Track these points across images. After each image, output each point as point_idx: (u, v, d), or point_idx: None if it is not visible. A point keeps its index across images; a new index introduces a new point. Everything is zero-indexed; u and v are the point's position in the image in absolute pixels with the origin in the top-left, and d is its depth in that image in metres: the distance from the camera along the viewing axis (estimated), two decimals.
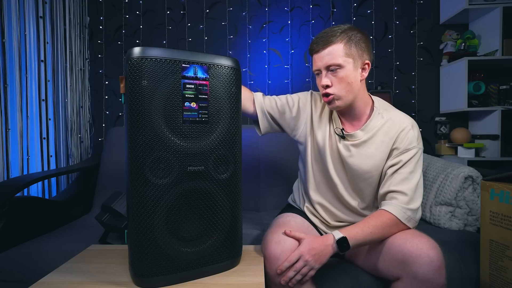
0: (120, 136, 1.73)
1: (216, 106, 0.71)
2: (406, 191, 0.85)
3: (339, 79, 0.86)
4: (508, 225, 0.89)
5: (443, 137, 1.90)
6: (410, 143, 0.88)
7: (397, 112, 0.95)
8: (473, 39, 1.81)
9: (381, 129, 0.91)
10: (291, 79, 2.00)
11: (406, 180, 0.86)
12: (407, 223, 0.83)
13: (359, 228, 0.81)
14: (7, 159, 1.30)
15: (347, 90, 0.87)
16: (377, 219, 0.83)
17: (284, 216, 1.00)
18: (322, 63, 0.87)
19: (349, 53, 0.86)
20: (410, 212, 0.84)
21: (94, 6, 1.97)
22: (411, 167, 0.87)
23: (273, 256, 0.79)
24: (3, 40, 1.29)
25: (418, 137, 0.91)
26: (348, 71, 0.86)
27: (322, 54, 0.87)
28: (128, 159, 0.64)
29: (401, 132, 0.89)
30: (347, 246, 0.78)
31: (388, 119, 0.92)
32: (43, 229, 1.25)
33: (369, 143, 0.91)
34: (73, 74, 1.77)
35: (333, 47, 0.85)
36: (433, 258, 0.73)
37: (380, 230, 0.81)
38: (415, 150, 0.88)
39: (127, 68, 0.63)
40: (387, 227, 0.82)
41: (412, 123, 0.91)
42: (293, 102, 1.01)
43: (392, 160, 0.89)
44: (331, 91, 0.88)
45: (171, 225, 0.67)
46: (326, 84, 0.87)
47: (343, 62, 0.85)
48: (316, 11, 1.98)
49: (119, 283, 0.68)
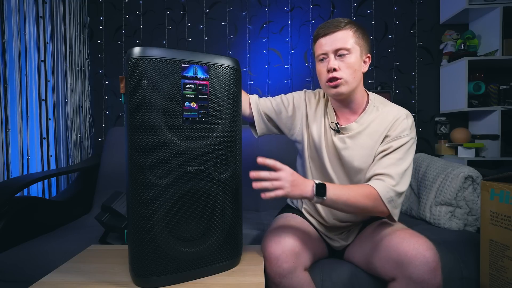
0: (120, 136, 1.73)
1: (216, 106, 0.71)
2: (393, 174, 0.83)
3: (346, 64, 0.86)
4: (508, 225, 0.89)
5: (443, 137, 1.90)
6: (403, 131, 0.87)
7: (393, 105, 0.94)
8: (473, 39, 1.82)
9: (375, 120, 0.91)
10: (291, 79, 2.00)
11: (394, 165, 0.84)
12: (388, 204, 0.81)
13: (341, 186, 0.81)
14: (7, 159, 1.30)
15: (353, 76, 0.87)
16: (360, 187, 0.82)
17: (284, 217, 1.00)
18: (331, 47, 0.86)
19: (358, 41, 0.87)
20: (393, 193, 0.82)
21: (94, 6, 1.97)
22: (401, 154, 0.86)
23: (273, 256, 0.79)
24: (3, 40, 1.29)
25: (411, 126, 0.89)
26: (355, 58, 0.87)
27: (333, 37, 0.86)
28: (128, 159, 0.64)
29: (395, 121, 0.89)
30: (323, 192, 0.76)
31: (383, 110, 0.92)
32: (43, 229, 1.25)
33: (363, 133, 0.90)
34: (73, 74, 1.77)
35: (344, 31, 0.86)
36: (429, 259, 0.73)
37: (359, 197, 0.79)
38: (406, 138, 0.87)
39: (127, 68, 0.63)
40: (366, 198, 0.80)
41: (407, 114, 0.91)
42: (288, 102, 1.01)
43: (383, 146, 0.88)
44: (338, 75, 0.86)
45: (171, 225, 0.67)
46: (334, 67, 0.86)
47: (352, 48, 0.86)
48: (316, 11, 1.98)
49: (119, 283, 0.68)
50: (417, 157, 1.52)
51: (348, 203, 0.79)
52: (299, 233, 0.86)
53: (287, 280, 0.78)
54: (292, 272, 0.78)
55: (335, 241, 0.98)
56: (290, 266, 0.78)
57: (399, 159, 0.85)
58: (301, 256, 0.82)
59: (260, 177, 0.72)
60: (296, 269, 0.79)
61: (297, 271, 0.79)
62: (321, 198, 0.76)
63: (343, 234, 0.99)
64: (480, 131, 1.84)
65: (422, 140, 2.00)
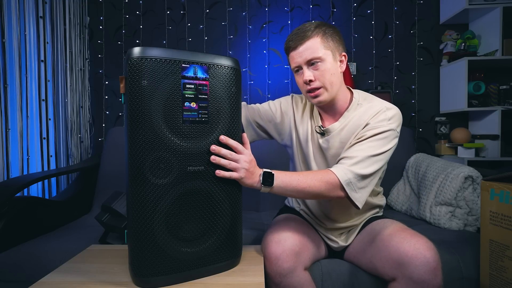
0: (120, 136, 1.73)
1: (216, 106, 0.71)
2: (355, 155, 0.80)
3: (321, 72, 0.85)
4: (508, 225, 0.89)
5: (443, 137, 1.90)
6: (380, 121, 0.84)
7: (378, 100, 0.92)
8: (473, 39, 1.82)
9: (357, 116, 0.89)
10: (291, 79, 2.00)
11: (360, 150, 0.81)
12: (346, 187, 0.78)
13: (291, 173, 0.80)
14: (7, 159, 1.30)
15: (330, 82, 0.86)
16: (316, 173, 0.80)
17: (283, 217, 1.00)
18: (302, 59, 0.85)
19: (327, 46, 0.85)
20: (352, 174, 0.78)
21: (94, 6, 1.97)
22: (373, 142, 0.82)
23: (273, 256, 0.79)
24: (3, 40, 1.29)
25: (392, 117, 0.85)
26: (329, 63, 0.85)
27: (301, 49, 0.85)
28: (128, 159, 0.64)
29: (376, 113, 0.86)
30: (271, 182, 0.76)
31: (366, 107, 0.90)
32: (43, 229, 1.25)
33: (344, 130, 0.90)
34: (73, 74, 1.77)
35: (310, 41, 0.84)
36: (429, 259, 0.73)
37: (311, 182, 0.77)
38: (383, 128, 0.83)
39: (127, 68, 0.63)
40: (320, 182, 0.78)
41: (389, 107, 0.87)
42: (275, 108, 1.02)
43: (358, 135, 0.86)
44: (316, 85, 0.86)
45: (171, 225, 0.67)
46: (309, 79, 0.85)
47: (323, 55, 0.84)
48: (316, 11, 1.98)
49: (119, 283, 0.68)
50: (417, 157, 1.52)
51: (299, 189, 0.78)
52: (299, 233, 0.86)
53: (287, 280, 0.78)
54: (292, 272, 0.78)
55: (334, 241, 0.98)
56: (290, 266, 0.78)
57: (370, 146, 0.82)
58: (301, 256, 0.82)
59: (220, 153, 0.71)
60: (297, 269, 0.79)
61: (297, 270, 0.80)
62: (268, 187, 0.76)
63: (343, 235, 0.98)
64: (480, 131, 1.84)
65: (422, 140, 2.00)
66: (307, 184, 0.78)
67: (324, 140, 0.92)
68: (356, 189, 0.80)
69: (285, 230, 0.85)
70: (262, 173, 0.76)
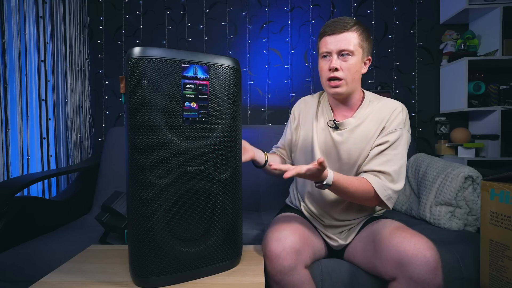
0: (120, 136, 1.73)
1: (216, 106, 0.71)
2: (391, 172, 0.86)
3: (348, 65, 0.89)
4: (508, 225, 0.89)
5: (443, 137, 1.90)
6: (399, 124, 0.90)
7: (387, 99, 0.97)
8: (473, 39, 1.82)
9: (372, 113, 0.94)
10: (291, 79, 2.00)
11: (391, 161, 0.88)
12: (387, 202, 0.86)
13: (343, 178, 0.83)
14: (7, 159, 1.30)
15: (353, 78, 0.90)
16: (360, 182, 0.85)
17: (284, 216, 1.00)
18: (335, 46, 0.89)
19: (361, 44, 0.90)
20: (391, 191, 0.86)
21: (94, 6, 1.97)
22: (397, 150, 0.89)
23: (274, 254, 0.79)
24: (3, 40, 1.29)
25: (405, 120, 0.92)
26: (357, 60, 0.89)
27: (338, 37, 0.88)
28: (128, 159, 0.64)
29: (392, 112, 0.91)
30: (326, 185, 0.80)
31: (379, 104, 0.95)
32: (43, 229, 1.25)
33: (360, 127, 0.93)
34: (73, 74, 1.77)
35: (349, 33, 0.88)
36: (429, 258, 0.73)
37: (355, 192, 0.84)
38: (401, 132, 0.90)
39: (127, 68, 0.63)
40: (362, 194, 0.85)
41: (402, 106, 0.93)
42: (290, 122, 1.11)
43: (380, 139, 0.91)
44: (339, 75, 0.89)
45: (171, 225, 0.67)
46: (336, 67, 0.88)
47: (355, 50, 0.88)
48: (316, 11, 1.98)
49: (119, 283, 0.68)
50: (417, 157, 1.52)
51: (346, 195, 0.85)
52: (299, 231, 0.86)
53: (288, 278, 0.78)
54: (293, 270, 0.79)
55: (334, 240, 0.98)
56: (291, 264, 0.78)
57: (395, 155, 0.88)
58: (301, 254, 0.82)
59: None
60: (297, 267, 0.80)
61: (298, 268, 0.80)
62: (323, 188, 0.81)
63: (343, 233, 0.99)
64: (480, 131, 1.84)
65: (422, 140, 2.00)
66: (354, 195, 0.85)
67: (338, 133, 0.95)
68: (394, 200, 0.88)
69: (286, 228, 0.86)
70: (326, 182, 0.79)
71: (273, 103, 2.00)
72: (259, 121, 2.01)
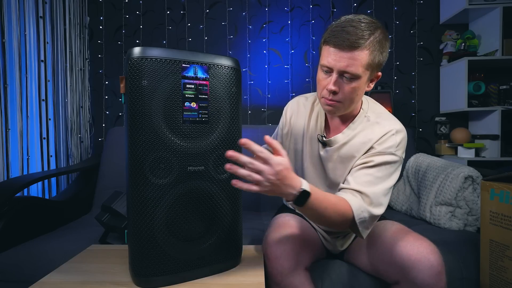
0: (120, 136, 1.73)
1: (216, 106, 0.71)
2: (370, 194, 0.75)
3: (349, 88, 0.77)
4: (508, 225, 0.89)
5: (443, 137, 1.90)
6: (389, 147, 0.79)
7: (386, 118, 0.85)
8: (473, 39, 1.82)
9: (363, 132, 0.84)
10: (291, 79, 2.00)
11: (372, 183, 0.77)
12: (359, 225, 0.74)
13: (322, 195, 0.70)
14: (7, 159, 1.30)
15: (351, 99, 0.79)
16: (339, 201, 0.73)
17: (283, 216, 1.00)
18: (339, 64, 0.74)
19: (371, 64, 0.75)
20: (367, 214, 0.74)
21: (94, 6, 1.97)
22: (381, 173, 0.78)
23: (274, 255, 0.79)
24: (3, 40, 1.29)
25: (399, 144, 0.80)
26: (362, 83, 0.77)
27: (344, 55, 0.73)
28: (128, 159, 0.64)
29: (384, 134, 0.81)
30: (303, 201, 0.66)
31: (374, 122, 0.84)
32: (43, 229, 1.25)
33: (347, 145, 0.85)
34: (73, 74, 1.77)
35: (359, 53, 0.73)
36: (433, 262, 0.71)
37: (333, 213, 0.71)
38: (391, 157, 0.79)
39: (127, 68, 0.63)
40: (339, 215, 0.72)
41: (398, 129, 0.81)
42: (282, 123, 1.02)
43: (364, 159, 0.80)
44: (336, 99, 0.79)
45: (171, 225, 0.67)
46: (334, 90, 0.77)
47: (361, 73, 0.75)
48: (316, 11, 1.98)
49: (119, 283, 0.68)
50: (417, 157, 1.52)
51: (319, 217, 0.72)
52: (299, 232, 0.86)
53: (288, 279, 0.78)
54: (293, 271, 0.78)
55: (330, 243, 0.97)
56: (291, 265, 0.78)
57: (378, 177, 0.77)
58: (301, 255, 0.81)
59: (239, 161, 0.60)
60: (297, 268, 0.79)
61: (298, 269, 0.79)
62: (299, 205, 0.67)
63: (338, 239, 0.97)
64: (480, 131, 1.84)
65: (422, 140, 2.00)
66: (329, 216, 0.71)
67: (324, 150, 0.90)
68: (369, 226, 0.77)
69: (285, 229, 0.85)
70: (300, 191, 0.64)
71: (273, 103, 2.00)
72: (259, 121, 2.01)
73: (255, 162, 0.60)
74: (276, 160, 0.61)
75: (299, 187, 0.64)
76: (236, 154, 0.59)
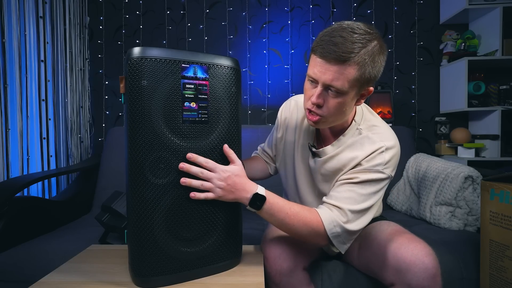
0: (120, 136, 1.73)
1: (216, 106, 0.71)
2: (346, 210, 0.73)
3: (333, 103, 0.72)
4: (508, 225, 0.89)
5: (443, 137, 1.90)
6: (376, 165, 0.75)
7: (379, 132, 0.80)
8: (473, 39, 1.82)
9: (352, 146, 0.80)
10: (291, 79, 2.00)
11: (353, 200, 0.74)
12: (333, 239, 0.73)
13: (283, 202, 0.72)
14: (7, 159, 1.30)
15: (336, 115, 0.75)
16: (304, 211, 0.73)
17: None
18: (324, 77, 0.69)
19: (359, 79, 0.69)
20: (340, 228, 0.72)
21: (94, 6, 1.97)
22: (365, 191, 0.74)
23: (273, 256, 0.79)
24: (3, 40, 1.29)
25: (388, 162, 0.75)
26: (348, 98, 0.72)
27: (330, 68, 0.68)
28: (128, 159, 0.64)
29: (372, 152, 0.76)
30: (259, 205, 0.69)
31: (365, 136, 0.80)
32: (43, 229, 1.25)
33: (335, 158, 0.82)
34: (73, 74, 1.77)
35: (345, 67, 0.67)
36: (428, 265, 0.70)
37: (296, 222, 0.71)
38: (377, 175, 0.75)
39: (127, 68, 0.63)
40: (305, 225, 0.71)
41: (388, 146, 0.76)
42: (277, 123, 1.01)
43: (349, 174, 0.77)
44: (320, 113, 0.74)
45: (171, 225, 0.67)
46: (317, 103, 0.73)
47: (347, 89, 0.70)
48: (316, 11, 1.98)
49: (119, 283, 0.68)
50: (417, 157, 1.52)
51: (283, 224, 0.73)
52: None
53: (287, 279, 0.78)
54: (292, 271, 0.78)
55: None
56: (290, 265, 0.78)
57: (361, 195, 0.74)
58: (300, 255, 0.81)
59: (190, 171, 0.66)
60: (296, 268, 0.79)
61: (297, 269, 0.80)
62: (256, 208, 0.71)
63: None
64: (480, 131, 1.84)
65: (422, 140, 2.00)
66: (292, 224, 0.72)
67: (313, 160, 0.87)
68: (346, 241, 0.75)
69: None
70: (253, 194, 0.69)
71: (273, 103, 2.00)
72: (259, 121, 2.01)
73: (204, 171, 0.68)
74: (223, 167, 0.69)
75: (253, 191, 0.70)
76: (187, 165, 0.66)
